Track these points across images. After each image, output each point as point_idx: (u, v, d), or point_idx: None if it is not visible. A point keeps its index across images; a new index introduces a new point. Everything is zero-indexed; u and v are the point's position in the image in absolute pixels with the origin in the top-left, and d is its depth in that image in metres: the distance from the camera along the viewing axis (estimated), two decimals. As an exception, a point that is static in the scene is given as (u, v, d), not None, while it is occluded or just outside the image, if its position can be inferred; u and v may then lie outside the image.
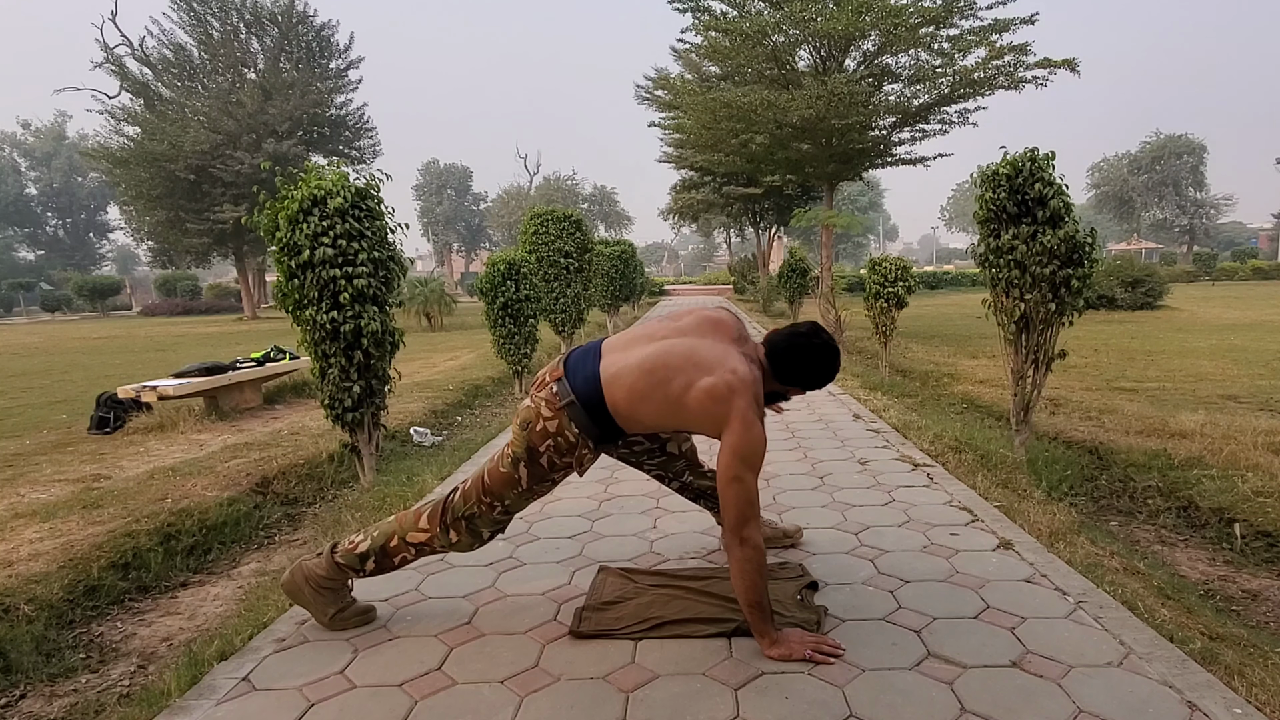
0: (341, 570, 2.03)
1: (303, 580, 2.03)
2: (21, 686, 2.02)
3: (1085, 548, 2.51)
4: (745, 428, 1.76)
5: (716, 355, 1.82)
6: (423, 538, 2.00)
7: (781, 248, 25.90)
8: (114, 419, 5.29)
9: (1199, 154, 48.89)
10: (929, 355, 8.56)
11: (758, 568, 1.77)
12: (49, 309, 37.92)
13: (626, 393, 1.83)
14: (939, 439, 4.04)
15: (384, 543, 2.01)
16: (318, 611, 2.04)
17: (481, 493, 1.96)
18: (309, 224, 3.25)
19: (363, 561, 2.02)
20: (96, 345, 14.85)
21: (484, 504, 1.96)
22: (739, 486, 1.76)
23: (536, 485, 1.96)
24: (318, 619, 2.05)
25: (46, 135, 54.00)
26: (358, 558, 2.02)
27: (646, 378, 1.81)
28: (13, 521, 3.00)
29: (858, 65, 12.74)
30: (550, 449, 1.89)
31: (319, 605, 2.04)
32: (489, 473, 1.96)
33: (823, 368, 1.95)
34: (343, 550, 2.03)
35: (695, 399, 1.77)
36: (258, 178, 23.03)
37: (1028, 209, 3.46)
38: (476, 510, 1.97)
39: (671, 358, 1.82)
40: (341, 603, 2.06)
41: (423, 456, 4.34)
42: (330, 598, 2.04)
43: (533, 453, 1.90)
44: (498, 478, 1.95)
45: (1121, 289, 14.70)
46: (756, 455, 1.78)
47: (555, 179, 56.47)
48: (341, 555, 2.02)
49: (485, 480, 1.96)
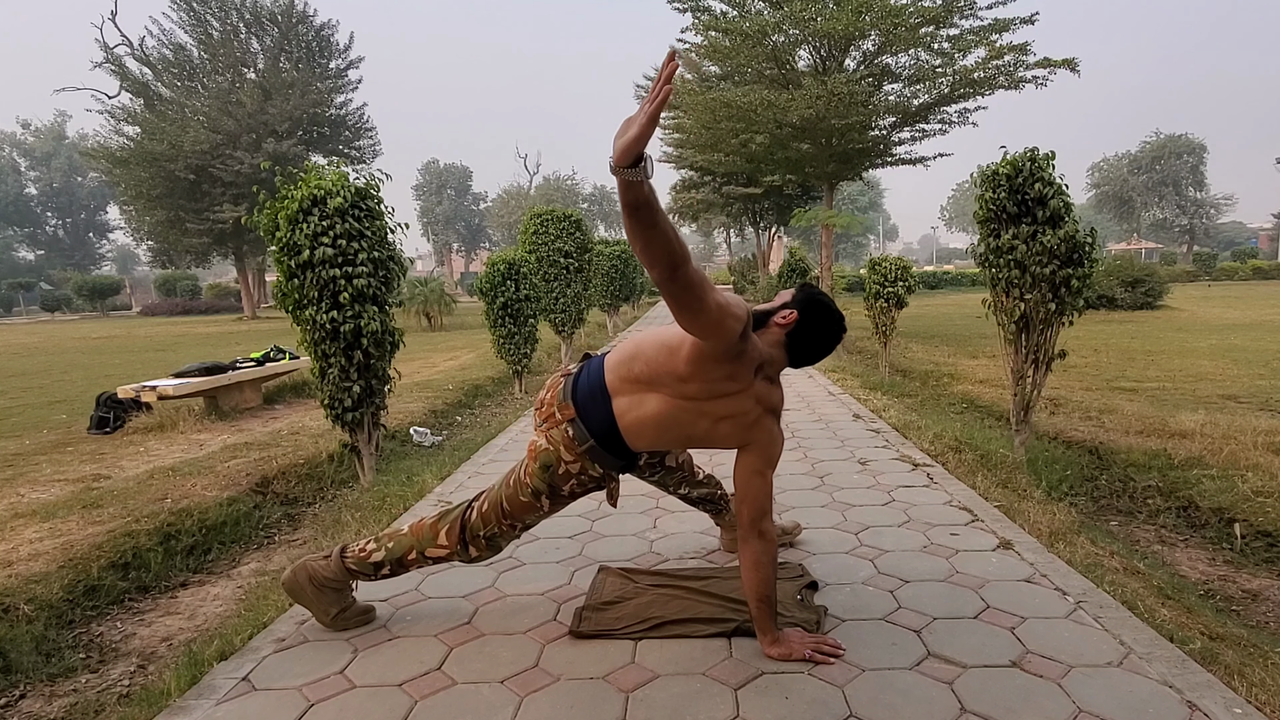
0: (351, 574, 2.04)
1: (306, 579, 2.03)
2: (21, 686, 2.02)
3: (1085, 548, 2.51)
4: (770, 438, 1.82)
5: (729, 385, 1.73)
6: (442, 553, 2.00)
7: (781, 247, 25.90)
8: (114, 419, 5.29)
9: (1199, 154, 48.91)
10: (929, 355, 8.56)
11: (771, 560, 1.80)
12: (49, 309, 37.93)
13: (649, 443, 1.85)
14: (939, 439, 4.04)
15: (401, 555, 2.00)
16: (319, 611, 2.04)
17: (501, 516, 1.95)
18: (309, 224, 3.25)
19: (376, 569, 2.02)
20: (96, 345, 14.85)
21: (504, 525, 1.96)
22: (760, 481, 1.80)
23: (554, 507, 1.96)
24: (319, 618, 2.05)
25: (46, 135, 54.02)
26: (371, 565, 2.02)
27: (667, 432, 1.81)
28: (12, 521, 3.00)
29: (858, 65, 12.73)
30: (574, 485, 1.91)
31: (321, 605, 2.04)
32: (508, 499, 1.94)
33: (830, 328, 1.86)
34: (354, 555, 2.03)
35: (722, 433, 1.80)
36: (257, 177, 23.04)
37: (1028, 209, 3.46)
38: (497, 530, 1.97)
39: (685, 413, 1.76)
40: (343, 603, 2.06)
41: (422, 456, 4.34)
42: (333, 598, 2.04)
43: (555, 490, 1.91)
44: (519, 505, 1.94)
45: (1121, 289, 14.70)
46: (777, 455, 1.85)
47: (555, 179, 56.51)
48: (353, 560, 2.02)
49: (505, 505, 1.94)
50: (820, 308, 1.83)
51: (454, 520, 2.00)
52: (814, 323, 1.82)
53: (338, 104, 28.32)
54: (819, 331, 1.84)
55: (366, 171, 3.73)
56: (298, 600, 2.07)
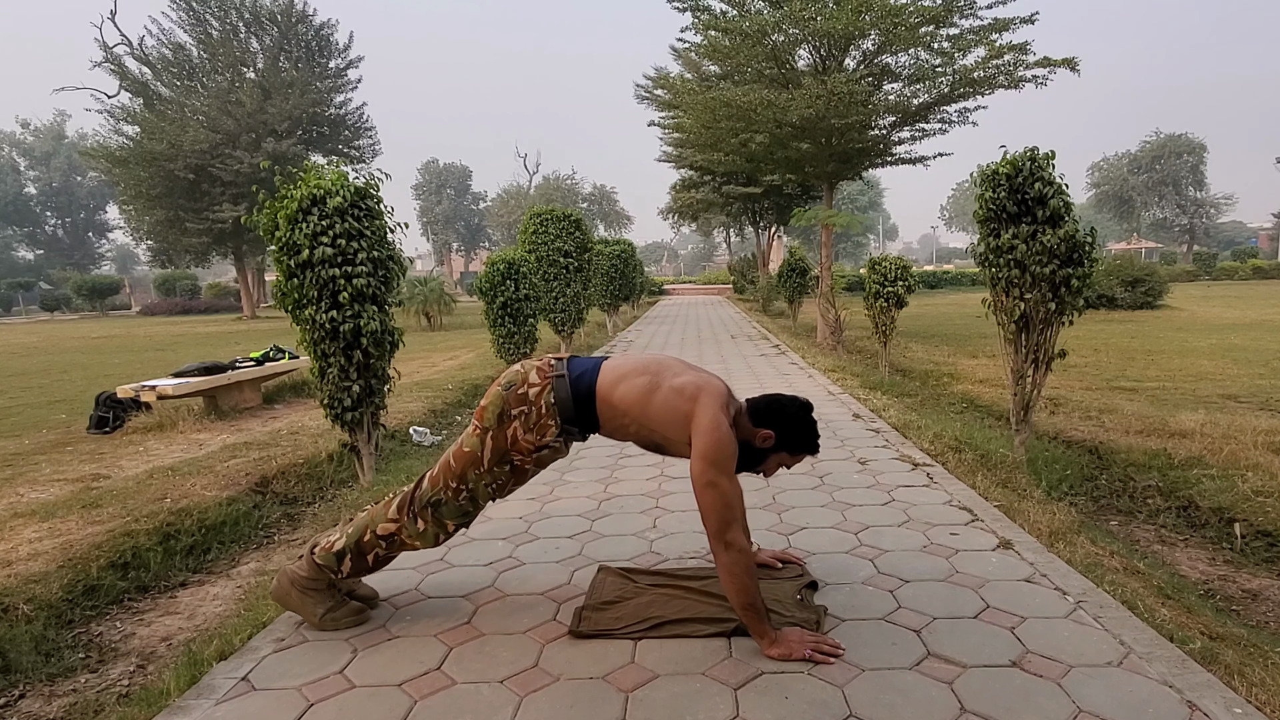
0: (321, 570, 2.03)
1: (288, 584, 2.05)
2: (21, 686, 2.01)
3: (1085, 547, 2.50)
4: (713, 427, 1.81)
5: (695, 371, 1.99)
6: (392, 528, 2.01)
7: (781, 247, 25.90)
8: (113, 418, 5.29)
9: (1199, 153, 48.89)
10: (929, 355, 8.56)
11: (746, 569, 1.78)
12: (48, 308, 37.88)
13: (614, 383, 1.94)
14: (939, 438, 4.04)
15: (358, 538, 2.02)
16: (307, 613, 2.04)
17: (448, 475, 1.98)
18: (308, 223, 3.25)
19: (339, 561, 2.02)
20: (95, 345, 14.84)
21: (449, 489, 1.98)
22: (714, 492, 1.78)
23: (496, 467, 1.96)
24: (308, 620, 2.05)
25: (46, 134, 53.94)
26: (334, 556, 2.02)
27: (635, 375, 1.95)
28: (12, 521, 3.00)
29: (857, 64, 12.71)
30: (521, 416, 1.92)
31: (307, 607, 2.04)
32: (453, 453, 1.99)
33: (802, 422, 1.99)
34: (320, 550, 2.04)
35: (662, 395, 1.88)
36: (257, 177, 23.01)
37: (1027, 208, 3.46)
38: (442, 496, 1.98)
39: (655, 364, 1.99)
40: (330, 601, 2.06)
41: (422, 456, 4.34)
42: (317, 598, 2.04)
43: (503, 417, 1.92)
44: (461, 457, 1.97)
45: (1121, 288, 14.71)
46: (726, 457, 1.81)
47: (555, 178, 56.45)
48: (319, 555, 2.03)
49: (450, 462, 1.98)
50: (780, 411, 1.97)
51: (406, 492, 2.03)
52: (788, 425, 1.97)
53: (337, 103, 28.30)
54: (797, 426, 1.98)
55: (366, 171, 3.73)
56: (286, 606, 2.09)
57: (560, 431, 1.94)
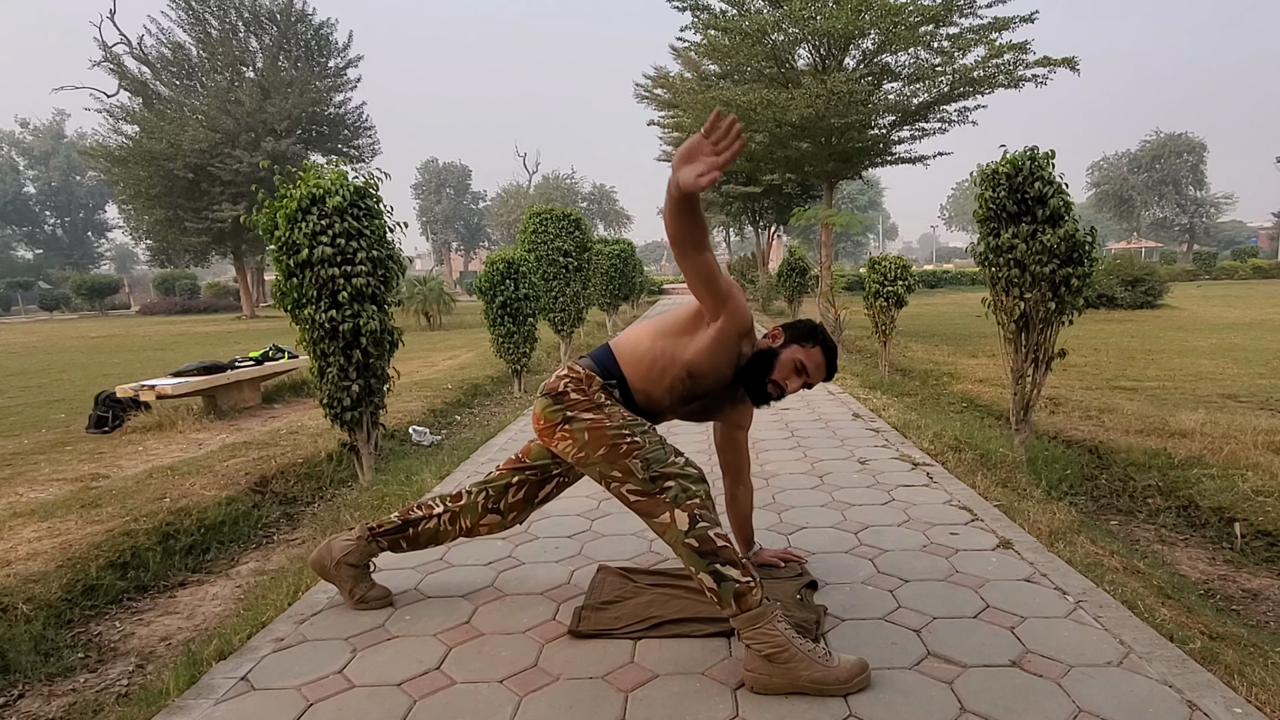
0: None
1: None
2: (20, 686, 2.01)
3: (1085, 547, 2.50)
4: (737, 307, 1.89)
5: None
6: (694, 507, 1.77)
7: (781, 246, 25.87)
8: (112, 418, 5.29)
9: (1199, 153, 48.93)
10: (929, 354, 8.56)
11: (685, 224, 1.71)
12: (47, 308, 37.84)
13: (624, 335, 2.02)
14: (938, 438, 4.04)
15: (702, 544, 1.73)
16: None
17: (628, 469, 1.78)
18: (308, 223, 3.25)
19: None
20: (95, 344, 14.83)
21: (642, 468, 1.78)
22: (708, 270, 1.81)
23: (623, 428, 1.81)
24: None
25: (45, 134, 53.91)
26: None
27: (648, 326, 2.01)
28: (11, 521, 3.00)
29: (857, 64, 12.71)
30: (569, 385, 1.88)
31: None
32: (608, 472, 1.81)
33: (807, 322, 2.08)
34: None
35: (670, 312, 2.00)
36: (256, 176, 23.01)
37: (1027, 208, 3.46)
38: (656, 471, 1.77)
39: None
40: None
41: (421, 455, 4.34)
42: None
43: (560, 398, 1.86)
44: (612, 457, 1.79)
45: (1121, 288, 14.71)
46: (744, 320, 1.91)
47: (554, 177, 56.44)
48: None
49: (615, 470, 1.80)
50: (800, 324, 2.06)
51: (646, 494, 1.79)
52: (794, 324, 2.06)
53: (336, 103, 28.28)
54: (802, 323, 2.05)
55: (365, 170, 3.73)
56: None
57: (603, 386, 1.89)
